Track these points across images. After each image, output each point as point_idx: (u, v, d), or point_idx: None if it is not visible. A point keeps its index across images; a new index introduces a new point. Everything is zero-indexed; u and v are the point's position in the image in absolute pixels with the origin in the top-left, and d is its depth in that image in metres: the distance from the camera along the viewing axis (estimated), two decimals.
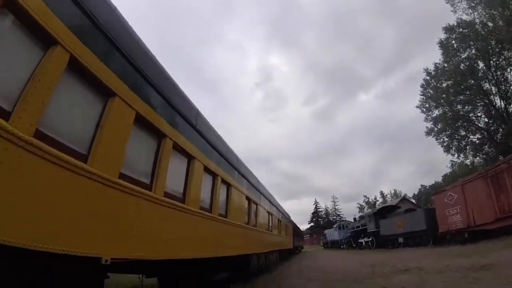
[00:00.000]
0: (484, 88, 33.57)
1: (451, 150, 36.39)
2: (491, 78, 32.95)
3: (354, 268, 11.77)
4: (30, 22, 2.36)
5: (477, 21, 32.50)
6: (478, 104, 34.79)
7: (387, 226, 26.03)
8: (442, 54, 35.31)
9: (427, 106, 37.42)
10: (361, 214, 47.92)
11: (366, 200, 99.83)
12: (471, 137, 35.98)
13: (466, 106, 35.19)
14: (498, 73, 32.60)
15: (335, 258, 20.85)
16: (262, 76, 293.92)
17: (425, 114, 37.71)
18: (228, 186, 7.45)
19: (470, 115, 35.27)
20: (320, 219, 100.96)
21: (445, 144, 36.39)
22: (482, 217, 15.39)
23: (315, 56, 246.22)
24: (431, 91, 36.62)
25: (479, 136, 35.62)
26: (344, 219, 60.55)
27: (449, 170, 46.75)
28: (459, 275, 7.25)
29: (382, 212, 29.38)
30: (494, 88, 33.41)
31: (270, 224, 13.87)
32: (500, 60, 32.03)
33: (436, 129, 36.53)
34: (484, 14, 32.06)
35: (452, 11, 34.07)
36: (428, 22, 76.16)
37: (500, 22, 29.72)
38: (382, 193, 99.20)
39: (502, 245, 11.65)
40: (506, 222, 13.63)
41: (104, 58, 3.08)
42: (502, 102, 32.70)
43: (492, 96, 33.70)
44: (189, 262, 5.06)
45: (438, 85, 35.57)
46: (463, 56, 33.75)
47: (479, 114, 35.16)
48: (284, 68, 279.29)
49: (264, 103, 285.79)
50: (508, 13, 28.51)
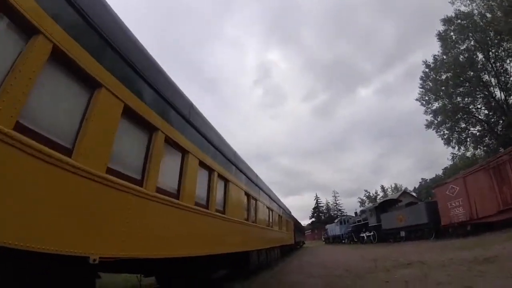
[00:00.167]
0: (483, 79, 33.40)
1: (452, 143, 36.44)
2: (491, 69, 32.83)
3: (356, 263, 11.68)
4: (10, 10, 2.25)
5: (475, 12, 32.34)
6: (478, 96, 34.67)
7: (389, 220, 25.99)
8: (441, 46, 35.22)
9: (427, 99, 37.43)
10: (362, 208, 47.92)
11: (367, 194, 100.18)
12: (472, 129, 36.03)
13: (466, 98, 35.08)
14: (498, 64, 32.48)
15: (337, 253, 20.77)
16: (261, 73, 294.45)
17: (424, 107, 37.78)
18: (225, 181, 7.29)
19: (470, 107, 35.20)
20: (321, 214, 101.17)
21: (445, 136, 36.42)
22: (484, 209, 15.28)
23: (314, 52, 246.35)
24: (431, 84, 36.56)
25: (480, 128, 35.55)
26: (345, 214, 60.55)
27: (449, 163, 46.77)
28: (463, 268, 7.15)
29: (383, 206, 29.28)
30: (493, 79, 33.33)
31: (270, 220, 13.72)
32: (499, 51, 31.84)
33: (436, 121, 36.51)
34: (482, 5, 31.88)
35: (450, 3, 33.89)
36: (427, 16, 75.76)
37: (498, 13, 29.50)
38: (383, 187, 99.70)
39: (505, 237, 11.57)
40: (509, 214, 13.52)
41: (89, 49, 2.97)
42: (502, 94, 32.67)
43: (492, 87, 33.62)
44: (186, 260, 4.91)
45: (437, 77, 35.50)
46: (462, 47, 33.61)
47: (479, 106, 35.11)
48: (283, 64, 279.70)
49: (263, 100, 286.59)
50: (506, 3, 28.29)
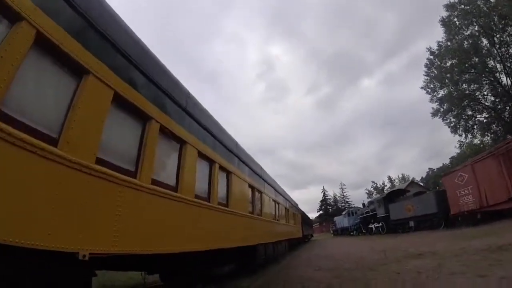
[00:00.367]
0: (489, 65, 32.75)
1: (459, 131, 35.92)
2: (496, 55, 32.16)
3: (366, 254, 11.49)
4: None
5: None
6: (484, 82, 33.98)
7: (397, 211, 25.78)
8: (445, 33, 34.56)
9: (432, 86, 36.78)
10: (370, 199, 47.66)
11: (374, 185, 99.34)
12: (478, 116, 35.42)
13: (472, 85, 34.42)
14: (503, 49, 31.77)
15: (345, 245, 20.57)
16: (264, 67, 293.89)
17: (430, 95, 37.13)
18: (227, 173, 7.10)
19: (476, 94, 34.57)
20: (329, 207, 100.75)
21: (452, 124, 35.89)
22: (494, 197, 15.01)
23: (316, 44, 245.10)
24: (435, 71, 35.91)
25: (486, 115, 34.96)
26: (353, 206, 60.22)
27: (456, 151, 46.11)
28: (477, 257, 6.94)
29: (391, 196, 29.03)
30: (499, 65, 32.66)
31: (277, 213, 13.55)
32: (504, 36, 31.14)
33: (442, 109, 35.94)
34: None
35: None
36: (429, 2, 74.42)
37: None
38: (390, 178, 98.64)
39: None
40: None
41: (75, 34, 2.84)
42: (508, 80, 32.00)
43: (497, 73, 32.94)
44: (188, 256, 4.75)
45: (442, 64, 34.89)
46: (466, 33, 32.92)
47: (485, 93, 34.48)
48: (285, 58, 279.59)
49: (266, 94, 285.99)
50: None
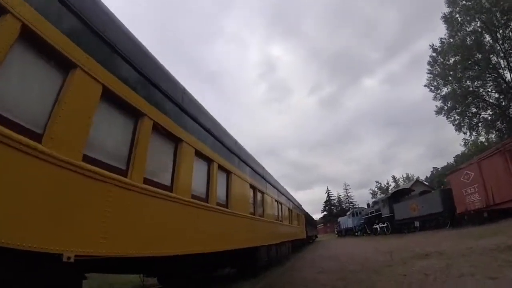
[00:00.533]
0: (492, 61, 32.33)
1: (463, 128, 35.45)
2: (499, 51, 31.75)
3: (371, 255, 11.28)
4: None
5: None
6: (488, 79, 33.54)
7: (402, 210, 25.49)
8: (447, 29, 34.16)
9: (435, 84, 36.33)
10: (374, 199, 47.32)
11: (378, 185, 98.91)
12: (483, 113, 34.96)
13: (476, 82, 33.99)
14: (506, 45, 31.33)
15: (350, 246, 20.31)
16: (265, 67, 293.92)
17: (433, 92, 36.67)
18: (227, 173, 6.93)
19: (480, 91, 34.14)
20: (333, 207, 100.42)
21: (456, 122, 35.44)
22: (501, 195, 14.68)
23: (318, 43, 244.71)
24: (438, 69, 35.55)
25: (491, 112, 34.50)
26: (357, 206, 59.85)
27: (461, 150, 45.80)
28: (486, 258, 6.71)
29: (396, 196, 28.73)
30: (503, 61, 32.20)
31: (280, 214, 13.39)
32: (507, 31, 30.70)
33: (446, 107, 35.51)
34: None
35: None
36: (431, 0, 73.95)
37: None
38: (394, 177, 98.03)
39: None
40: None
41: (62, 27, 2.74)
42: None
43: (501, 69, 32.50)
44: (185, 258, 4.58)
45: (445, 61, 34.56)
46: (469, 29, 32.56)
47: (489, 89, 34.04)
48: (286, 57, 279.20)
49: (269, 95, 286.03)
50: None
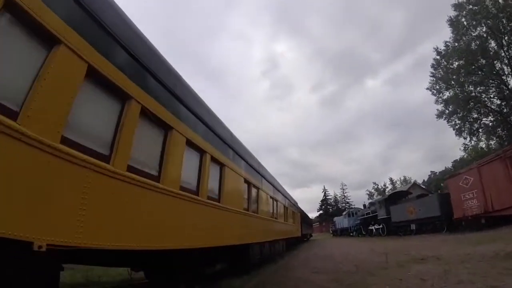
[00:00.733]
0: (496, 67, 32.10)
1: (463, 133, 35.28)
2: (504, 57, 31.54)
3: (366, 257, 11.14)
4: None
5: None
6: (491, 85, 33.31)
7: (399, 213, 25.39)
8: (452, 33, 33.90)
9: (438, 87, 36.17)
10: (371, 200, 47.29)
11: (376, 187, 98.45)
12: (484, 119, 34.77)
13: (478, 87, 33.80)
14: (511, 51, 31.13)
15: (345, 246, 20.24)
16: (268, 64, 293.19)
17: (435, 96, 36.50)
18: (221, 166, 6.66)
19: (483, 96, 33.90)
20: (329, 207, 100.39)
21: (457, 127, 35.25)
22: (500, 201, 14.56)
23: (322, 42, 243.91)
24: (442, 72, 35.37)
25: (492, 118, 34.30)
26: (353, 206, 59.79)
27: (460, 154, 45.55)
28: (485, 265, 6.54)
29: (393, 198, 28.63)
30: (506, 68, 31.97)
31: (275, 211, 13.18)
32: None
33: (447, 111, 35.32)
34: None
35: None
36: (437, 2, 73.54)
37: (510, 0, 28.10)
38: (391, 179, 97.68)
39: None
40: None
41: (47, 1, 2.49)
42: None
43: (504, 76, 32.28)
44: (171, 253, 4.38)
45: (449, 65, 34.33)
46: (474, 34, 32.29)
47: (492, 95, 33.82)
48: (290, 55, 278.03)
49: (271, 92, 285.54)
50: None
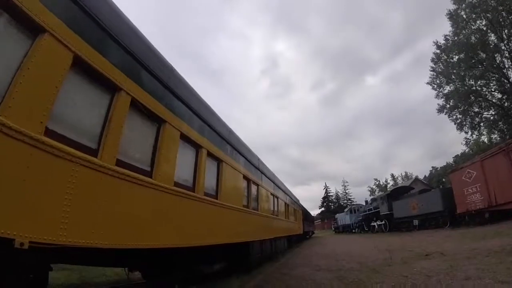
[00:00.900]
0: (497, 61, 31.81)
1: (465, 128, 35.11)
2: (504, 50, 31.27)
3: (369, 253, 10.99)
4: None
5: None
6: (491, 78, 33.04)
7: (401, 208, 25.23)
8: (452, 26, 33.62)
9: (438, 82, 35.93)
10: (373, 196, 47.08)
11: (377, 183, 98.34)
12: (485, 113, 34.55)
13: (479, 81, 33.51)
14: (511, 45, 30.81)
15: (347, 243, 20.03)
16: (268, 63, 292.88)
17: (436, 90, 36.28)
18: (218, 161, 6.47)
19: (483, 90, 33.67)
20: (330, 204, 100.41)
21: (458, 121, 35.04)
22: (504, 195, 14.38)
23: (322, 40, 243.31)
24: (442, 66, 35.15)
25: (493, 112, 34.09)
26: (355, 203, 59.63)
27: (461, 150, 45.35)
28: (493, 260, 6.36)
29: (395, 193, 28.48)
30: (507, 61, 31.72)
31: (276, 208, 13.02)
32: None
33: (448, 106, 35.09)
34: None
35: None
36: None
37: None
38: (393, 175, 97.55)
39: None
40: None
41: None
42: None
43: (505, 69, 31.98)
44: (166, 251, 4.23)
45: (449, 59, 34.11)
46: (474, 27, 32.01)
47: (493, 89, 33.55)
48: (290, 54, 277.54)
49: (270, 91, 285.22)
50: None
